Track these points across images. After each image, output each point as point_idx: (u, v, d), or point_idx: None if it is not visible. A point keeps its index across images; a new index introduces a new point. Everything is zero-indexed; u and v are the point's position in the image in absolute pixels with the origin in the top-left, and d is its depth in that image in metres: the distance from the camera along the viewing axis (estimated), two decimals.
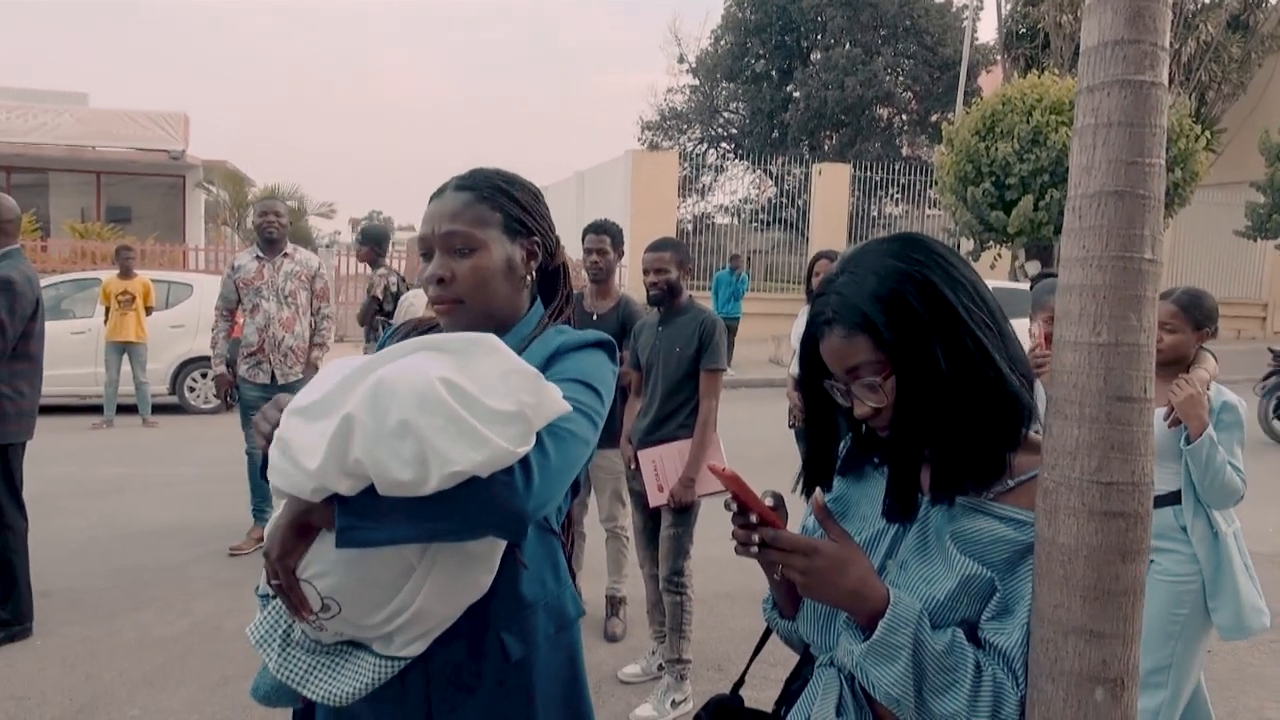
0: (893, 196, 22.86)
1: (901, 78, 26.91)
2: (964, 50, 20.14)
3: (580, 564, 4.47)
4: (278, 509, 1.32)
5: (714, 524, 3.57)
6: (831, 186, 20.47)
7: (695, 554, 3.79)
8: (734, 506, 1.19)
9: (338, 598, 1.28)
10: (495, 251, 1.48)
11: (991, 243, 15.50)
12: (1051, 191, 13.81)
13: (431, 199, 1.52)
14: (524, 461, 1.23)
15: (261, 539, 5.26)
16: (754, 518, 1.18)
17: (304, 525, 1.27)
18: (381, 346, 1.47)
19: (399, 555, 1.28)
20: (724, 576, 4.99)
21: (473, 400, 1.18)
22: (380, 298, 6.95)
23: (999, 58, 23.01)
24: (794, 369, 5.25)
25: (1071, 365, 1.09)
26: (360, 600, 1.29)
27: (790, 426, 5.25)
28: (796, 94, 27.16)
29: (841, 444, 1.39)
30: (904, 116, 28.57)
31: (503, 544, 1.39)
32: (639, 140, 30.20)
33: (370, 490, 1.19)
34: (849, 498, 1.37)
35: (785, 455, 3.88)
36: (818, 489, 1.34)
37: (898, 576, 1.23)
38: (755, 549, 1.18)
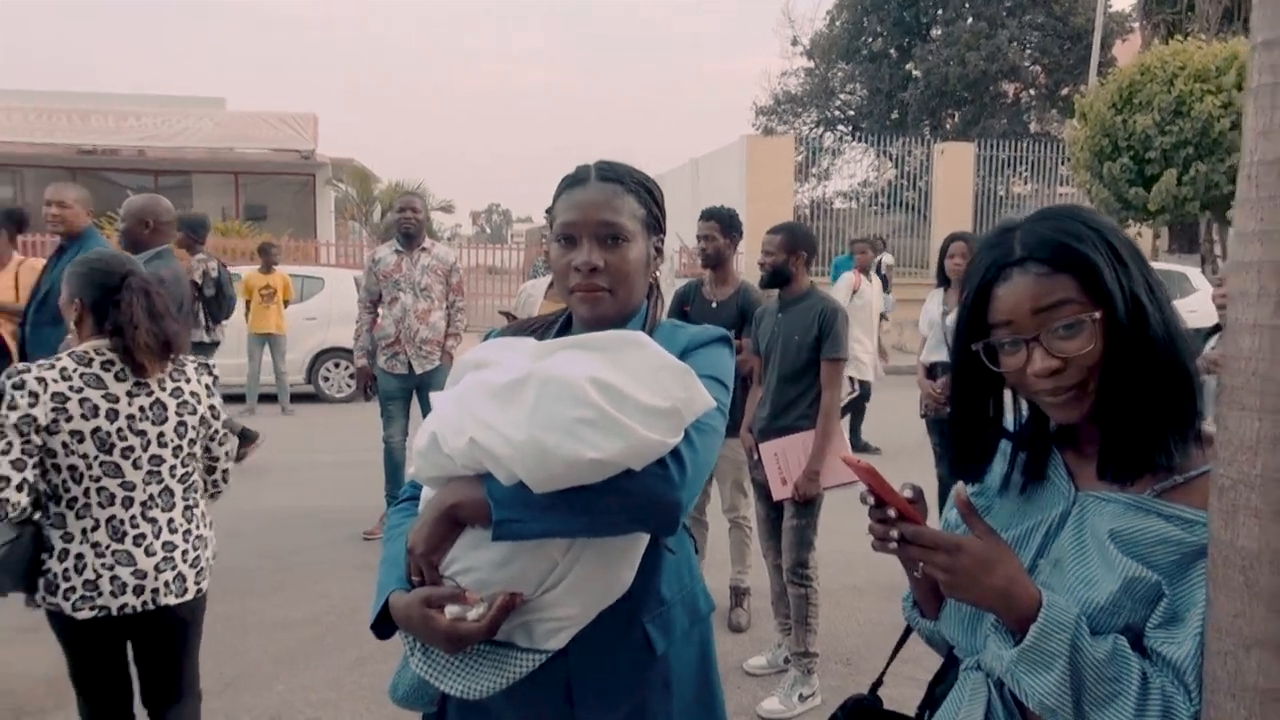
0: (1021, 175, 21.91)
1: (1028, 50, 25.76)
2: (1097, 18, 19.10)
3: (703, 554, 4.45)
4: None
5: (841, 516, 3.50)
6: (955, 167, 19.79)
7: (822, 546, 3.72)
8: (870, 500, 1.14)
9: (482, 594, 1.28)
10: (640, 245, 1.49)
11: (1131, 221, 14.67)
12: (1197, 165, 12.99)
13: (569, 186, 1.49)
14: (676, 454, 1.25)
15: None
16: (892, 512, 1.13)
17: (452, 521, 1.28)
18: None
19: (544, 552, 1.28)
20: (852, 569, 4.89)
21: (624, 397, 1.21)
22: (199, 283, 7.10)
23: (1137, 25, 21.74)
24: (924, 357, 5.08)
25: (1250, 350, 0.99)
26: None
27: (922, 416, 5.08)
28: (916, 72, 26.33)
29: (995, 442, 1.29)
30: (1031, 91, 27.34)
31: (644, 541, 1.39)
32: (753, 125, 29.84)
33: (524, 485, 1.21)
34: (989, 495, 1.30)
35: (913, 446, 3.75)
36: (959, 483, 1.27)
37: (1050, 577, 1.15)
38: (894, 545, 1.12)
